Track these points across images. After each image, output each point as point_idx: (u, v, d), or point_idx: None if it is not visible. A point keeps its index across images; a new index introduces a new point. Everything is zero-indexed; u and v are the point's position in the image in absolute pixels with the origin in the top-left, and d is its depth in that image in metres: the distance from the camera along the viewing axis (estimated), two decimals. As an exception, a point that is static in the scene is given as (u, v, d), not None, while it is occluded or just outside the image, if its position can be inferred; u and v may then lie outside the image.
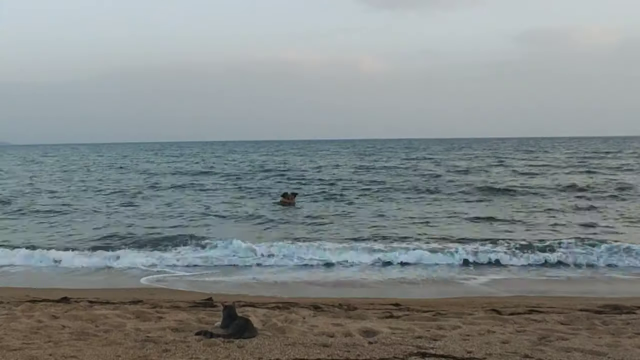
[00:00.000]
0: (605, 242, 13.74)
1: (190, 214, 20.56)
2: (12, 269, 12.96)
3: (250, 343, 5.77)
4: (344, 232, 16.69)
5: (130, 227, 17.87)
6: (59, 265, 13.17)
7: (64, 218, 20.20)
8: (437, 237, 15.38)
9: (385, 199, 24.74)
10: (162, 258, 13.33)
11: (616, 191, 25.15)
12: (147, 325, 6.65)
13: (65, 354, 5.46)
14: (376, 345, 5.78)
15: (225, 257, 13.49)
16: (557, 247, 13.40)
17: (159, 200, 25.12)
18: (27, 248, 14.18)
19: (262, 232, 16.88)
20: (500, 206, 21.59)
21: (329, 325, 6.61)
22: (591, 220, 17.78)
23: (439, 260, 12.89)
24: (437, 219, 18.73)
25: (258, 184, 31.83)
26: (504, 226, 17.23)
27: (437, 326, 6.66)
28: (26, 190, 29.82)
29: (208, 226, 18.12)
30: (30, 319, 7.02)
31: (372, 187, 28.89)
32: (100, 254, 13.76)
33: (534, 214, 19.38)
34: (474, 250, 13.30)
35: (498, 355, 5.48)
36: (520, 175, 35.12)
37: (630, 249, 12.94)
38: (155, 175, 39.87)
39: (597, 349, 5.64)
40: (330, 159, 60.51)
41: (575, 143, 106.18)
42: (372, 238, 15.38)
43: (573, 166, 41.47)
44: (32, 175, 40.99)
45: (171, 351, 5.56)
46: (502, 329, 6.57)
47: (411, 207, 21.98)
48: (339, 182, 31.84)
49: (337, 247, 13.86)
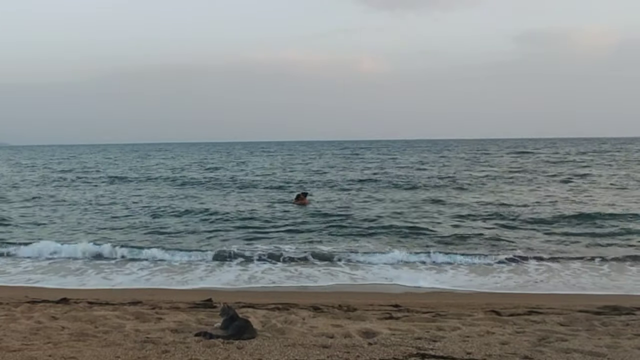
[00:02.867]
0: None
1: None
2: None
3: (250, 344, 5.77)
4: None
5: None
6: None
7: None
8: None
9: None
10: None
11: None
12: (146, 326, 6.64)
13: (65, 355, 5.45)
14: (376, 346, 5.78)
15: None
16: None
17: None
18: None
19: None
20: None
21: (328, 326, 6.61)
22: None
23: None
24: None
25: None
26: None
27: (437, 327, 6.66)
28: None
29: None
30: (30, 319, 7.01)
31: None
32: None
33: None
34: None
35: (497, 356, 5.48)
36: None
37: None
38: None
39: (597, 350, 5.64)
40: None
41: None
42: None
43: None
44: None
45: (171, 352, 5.55)
46: (501, 330, 6.57)
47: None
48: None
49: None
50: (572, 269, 12.42)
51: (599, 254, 13.55)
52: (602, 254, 13.51)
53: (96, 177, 40.57)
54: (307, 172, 43.39)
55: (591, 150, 71.70)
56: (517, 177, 34.54)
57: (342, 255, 13.71)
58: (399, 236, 16.01)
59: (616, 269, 12.45)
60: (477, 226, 17.43)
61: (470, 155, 66.05)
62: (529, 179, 33.25)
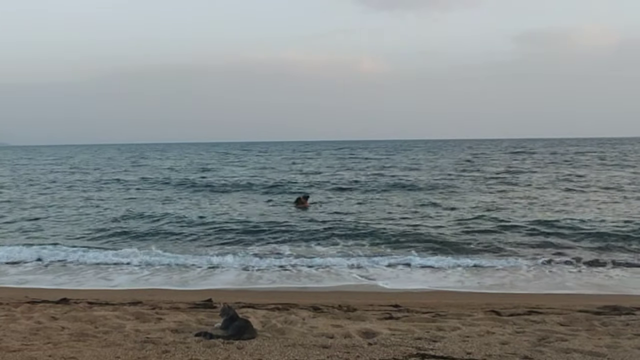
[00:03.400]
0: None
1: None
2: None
3: (250, 344, 5.77)
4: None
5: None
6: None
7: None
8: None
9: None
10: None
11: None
12: (146, 327, 6.65)
13: (65, 355, 5.45)
14: (376, 346, 5.78)
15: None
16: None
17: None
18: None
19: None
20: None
21: (328, 327, 6.61)
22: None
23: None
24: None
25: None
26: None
27: (437, 327, 6.67)
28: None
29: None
30: (30, 320, 7.01)
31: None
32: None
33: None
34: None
35: (497, 356, 5.48)
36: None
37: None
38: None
39: (597, 350, 5.64)
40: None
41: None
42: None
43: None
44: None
45: (171, 352, 5.55)
46: (501, 330, 6.58)
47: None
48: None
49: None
50: (572, 269, 12.42)
51: (598, 255, 13.57)
52: (602, 256, 13.53)
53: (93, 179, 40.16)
54: (307, 172, 43.40)
55: (591, 151, 71.80)
56: (515, 178, 34.52)
57: (342, 255, 13.77)
58: (398, 237, 16.00)
59: (616, 268, 12.46)
60: (477, 227, 17.41)
61: (470, 156, 66.17)
62: (526, 179, 33.26)
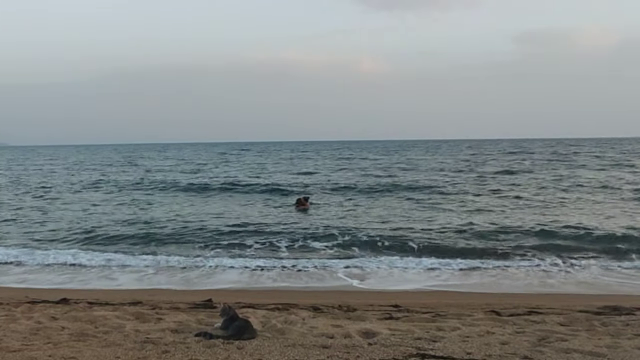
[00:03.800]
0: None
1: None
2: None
3: (250, 344, 5.77)
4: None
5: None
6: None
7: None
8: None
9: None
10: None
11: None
12: (146, 327, 6.64)
13: (65, 355, 5.45)
14: (376, 346, 5.78)
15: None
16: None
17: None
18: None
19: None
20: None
21: (328, 327, 6.61)
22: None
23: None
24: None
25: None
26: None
27: (437, 327, 6.67)
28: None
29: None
30: (30, 320, 7.01)
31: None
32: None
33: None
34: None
35: (497, 356, 5.48)
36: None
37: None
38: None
39: (597, 350, 5.64)
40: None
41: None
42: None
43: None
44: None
45: (171, 352, 5.55)
46: (501, 330, 6.57)
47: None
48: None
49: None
50: (571, 269, 12.44)
51: (598, 255, 13.61)
52: (602, 256, 13.57)
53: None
54: (308, 173, 43.37)
55: (590, 151, 71.83)
56: (514, 178, 34.51)
57: (341, 256, 13.81)
58: (397, 237, 15.99)
59: (615, 268, 12.48)
60: (475, 228, 17.41)
61: (470, 156, 66.19)
62: (525, 180, 33.25)
